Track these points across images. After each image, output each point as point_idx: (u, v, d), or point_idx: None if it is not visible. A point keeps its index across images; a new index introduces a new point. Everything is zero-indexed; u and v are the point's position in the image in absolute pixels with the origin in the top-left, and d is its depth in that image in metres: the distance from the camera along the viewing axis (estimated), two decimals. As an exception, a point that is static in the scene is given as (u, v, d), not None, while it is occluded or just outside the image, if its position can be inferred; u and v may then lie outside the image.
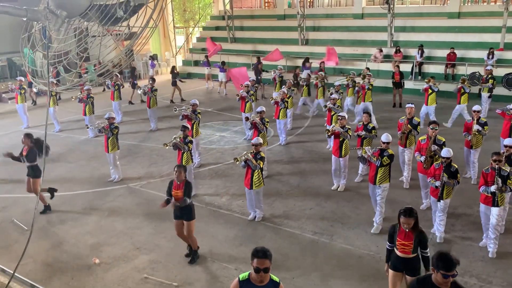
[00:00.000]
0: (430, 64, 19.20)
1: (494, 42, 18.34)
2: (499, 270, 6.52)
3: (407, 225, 5.06)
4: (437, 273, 3.87)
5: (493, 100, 14.57)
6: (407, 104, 9.79)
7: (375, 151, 7.80)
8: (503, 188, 6.64)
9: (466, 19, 20.58)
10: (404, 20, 21.47)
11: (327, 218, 8.39)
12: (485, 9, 20.71)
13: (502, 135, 9.86)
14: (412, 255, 5.17)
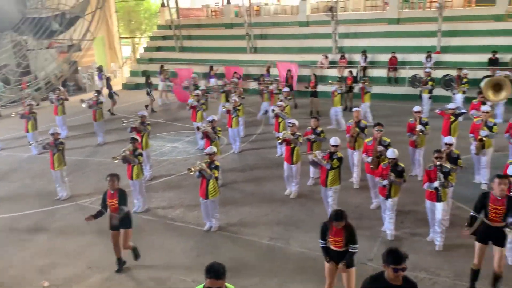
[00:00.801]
0: (373, 69, 19.98)
1: (431, 45, 19.36)
2: (446, 263, 6.85)
3: (339, 226, 5.38)
4: (388, 268, 4.02)
5: (433, 101, 15.34)
6: (354, 108, 10.13)
7: (325, 154, 8.00)
8: (445, 183, 7.00)
9: (404, 25, 21.65)
10: (347, 26, 22.23)
11: (283, 223, 8.48)
12: (421, 15, 21.90)
13: (443, 133, 10.40)
14: (344, 248, 5.47)
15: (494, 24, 19.65)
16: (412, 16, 22.33)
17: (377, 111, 16.30)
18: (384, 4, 24.34)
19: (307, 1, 24.65)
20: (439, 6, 18.89)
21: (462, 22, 20.31)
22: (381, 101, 18.03)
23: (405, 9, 23.43)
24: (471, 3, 22.73)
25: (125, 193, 6.90)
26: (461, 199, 8.81)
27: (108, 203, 6.81)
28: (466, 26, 19.98)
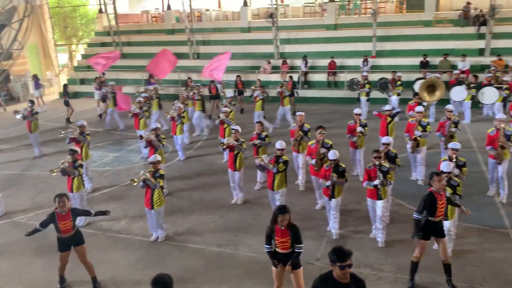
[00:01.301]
0: (314, 73, 20.53)
1: (367, 50, 20.25)
2: (389, 258, 7.15)
3: (284, 222, 5.37)
4: (335, 266, 4.14)
5: (371, 103, 16.00)
6: (297, 112, 10.35)
7: (271, 158, 8.10)
8: (384, 182, 7.33)
9: (342, 30, 22.48)
10: (287, 32, 22.72)
11: (231, 229, 8.47)
12: (357, 21, 22.84)
13: (381, 134, 10.86)
14: (291, 249, 5.54)
15: (423, 29, 20.89)
16: (348, 22, 23.23)
17: (318, 114, 16.82)
18: (322, 11, 25.13)
19: (248, 7, 24.92)
20: (373, 13, 19.80)
21: (395, 27, 21.40)
22: (322, 105, 18.61)
23: (342, 16, 24.33)
24: (402, 10, 24.02)
25: (79, 211, 6.74)
26: (400, 196, 9.25)
27: (61, 226, 6.43)
28: (398, 31, 21.08)
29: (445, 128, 9.96)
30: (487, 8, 18.64)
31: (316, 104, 18.73)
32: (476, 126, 14.11)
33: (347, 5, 25.40)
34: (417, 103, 11.77)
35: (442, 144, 10.20)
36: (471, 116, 14.89)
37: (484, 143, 9.17)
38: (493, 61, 17.50)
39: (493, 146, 8.85)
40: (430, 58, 18.43)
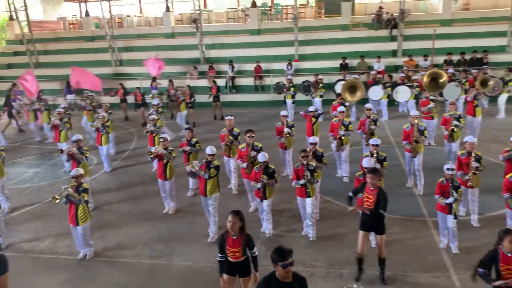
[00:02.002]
0: (241, 78, 20.73)
1: (291, 54, 20.85)
2: (320, 253, 7.40)
3: (231, 224, 5.30)
4: (277, 266, 4.21)
5: (296, 105, 16.49)
6: (226, 117, 10.38)
7: (202, 164, 8.04)
8: (312, 180, 7.59)
9: (265, 35, 22.97)
10: (212, 37, 22.77)
11: (164, 239, 8.28)
12: (279, 26, 23.45)
13: (307, 134, 11.23)
14: (242, 258, 5.49)
15: (341, 33, 21.95)
16: (271, 27, 23.77)
17: (247, 118, 17.02)
18: (245, 16, 25.48)
19: (170, 13, 24.60)
20: (294, 18, 20.45)
21: (315, 32, 22.27)
22: (250, 108, 18.85)
23: (264, 21, 24.84)
24: (321, 15, 25.04)
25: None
26: (327, 193, 9.62)
27: None
28: (318, 35, 21.96)
29: (365, 126, 10.53)
30: (397, 12, 20.01)
31: (245, 108, 18.93)
32: (393, 123, 15.06)
33: (269, 11, 25.98)
34: (340, 103, 12.32)
35: (364, 141, 10.77)
36: (388, 114, 15.87)
37: (401, 138, 9.81)
38: (405, 61, 18.81)
39: (408, 141, 9.50)
40: (348, 60, 19.38)
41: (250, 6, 23.75)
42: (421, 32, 20.39)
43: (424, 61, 18.42)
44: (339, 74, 18.81)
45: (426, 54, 18.32)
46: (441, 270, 6.71)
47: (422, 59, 18.49)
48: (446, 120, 10.37)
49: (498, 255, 4.86)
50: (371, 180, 6.30)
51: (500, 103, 15.19)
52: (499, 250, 4.87)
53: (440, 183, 7.05)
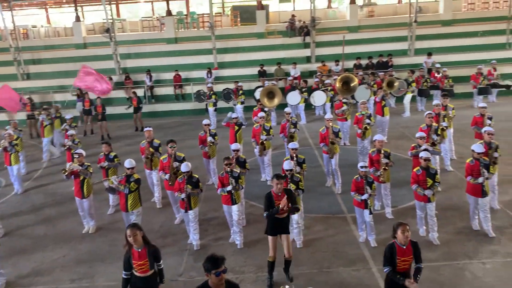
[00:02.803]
0: (160, 87, 20.34)
1: (209, 62, 20.90)
2: (248, 259, 7.47)
3: (133, 238, 5.16)
4: (211, 275, 4.17)
5: (218, 113, 16.55)
6: (145, 128, 10.12)
7: (121, 178, 7.76)
8: (236, 186, 7.65)
9: (182, 44, 22.81)
10: (127, 47, 22.14)
11: (85, 260, 7.84)
12: (196, 34, 23.40)
13: (230, 142, 11.32)
14: (150, 272, 5.36)
15: (257, 41, 22.47)
16: (188, 35, 23.67)
17: (168, 128, 16.76)
18: (161, 25, 25.11)
19: (81, 22, 23.54)
20: (210, 26, 20.54)
21: (232, 40, 22.55)
22: (172, 118, 18.58)
23: (181, 29, 24.63)
24: (237, 23, 25.40)
25: None
26: (253, 198, 9.74)
27: None
28: (235, 43, 22.28)
29: (286, 129, 10.86)
30: (309, 20, 20.91)
31: (166, 118, 18.62)
32: (311, 125, 15.68)
33: (185, 19, 25.83)
34: (260, 109, 12.57)
35: (286, 145, 11.09)
36: (306, 117, 16.49)
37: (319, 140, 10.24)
38: (319, 67, 19.70)
39: (325, 143, 9.95)
40: (266, 67, 19.85)
41: (165, 15, 23.46)
42: (332, 38, 21.50)
43: (336, 66, 19.42)
44: (258, 81, 19.19)
45: (337, 59, 19.32)
46: (361, 263, 7.08)
47: (334, 64, 19.48)
48: (359, 119, 11.04)
49: (395, 248, 5.15)
50: (278, 185, 6.45)
51: (405, 102, 16.45)
52: (394, 244, 5.18)
53: (355, 180, 7.47)
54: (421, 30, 21.16)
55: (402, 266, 5.17)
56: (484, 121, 10.18)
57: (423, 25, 21.60)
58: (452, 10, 23.13)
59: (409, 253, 5.16)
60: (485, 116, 10.27)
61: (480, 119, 10.28)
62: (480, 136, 8.87)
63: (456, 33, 21.71)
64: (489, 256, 7.04)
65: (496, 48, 20.68)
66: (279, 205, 6.32)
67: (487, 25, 22.04)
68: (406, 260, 5.16)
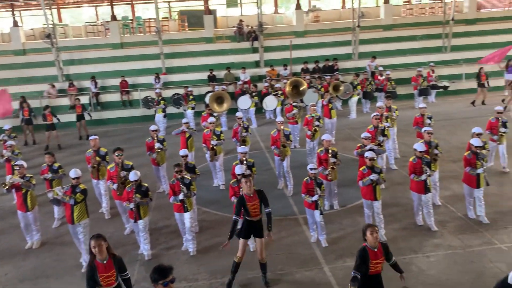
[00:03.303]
0: (106, 94, 19.75)
1: (157, 67, 20.56)
2: (202, 266, 7.38)
3: (98, 248, 5.00)
4: (158, 285, 4.08)
5: (168, 118, 16.30)
6: (90, 137, 9.78)
7: (66, 189, 7.45)
8: (188, 194, 7.57)
9: (128, 49, 22.32)
10: (70, 53, 21.37)
11: (29, 277, 7.43)
12: (143, 39, 22.98)
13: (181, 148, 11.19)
14: (115, 284, 5.20)
15: (206, 46, 22.40)
16: (134, 40, 23.17)
17: (116, 135, 16.31)
18: (106, 30, 24.42)
19: (19, 28, 22.45)
20: (157, 31, 20.23)
21: (180, 44, 22.35)
22: (119, 125, 18.08)
23: (127, 34, 24.07)
24: (184, 28, 25.18)
25: None
26: (205, 204, 9.68)
27: None
28: (183, 48, 22.10)
29: (238, 134, 10.88)
30: (256, 25, 21.11)
31: (112, 125, 18.11)
32: (262, 129, 15.82)
33: (130, 24, 25.27)
34: (208, 114, 12.51)
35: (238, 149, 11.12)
36: (257, 121, 16.62)
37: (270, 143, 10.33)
38: (268, 71, 19.93)
39: (276, 145, 10.06)
40: (215, 72, 19.82)
41: (110, 20, 22.84)
42: (279, 43, 21.84)
43: (284, 70, 19.73)
44: (208, 86, 19.11)
45: (286, 63, 19.64)
46: (313, 263, 7.21)
47: (283, 69, 19.79)
48: (308, 121, 11.31)
49: (367, 252, 5.17)
50: (247, 184, 6.49)
51: (351, 105, 16.98)
52: (366, 248, 5.23)
53: (305, 182, 7.61)
54: (364, 35, 21.95)
55: (375, 269, 5.25)
56: (424, 121, 10.71)
57: (366, 29, 22.42)
58: (392, 15, 24.21)
59: (381, 255, 5.27)
60: (425, 116, 10.82)
61: (421, 119, 10.82)
62: (421, 135, 9.31)
63: (397, 37, 22.76)
64: (432, 249, 7.39)
65: (433, 51, 21.84)
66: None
67: (424, 29, 23.26)
68: (378, 262, 5.25)
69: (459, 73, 20.10)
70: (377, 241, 5.24)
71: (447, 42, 21.88)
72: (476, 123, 10.13)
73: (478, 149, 8.06)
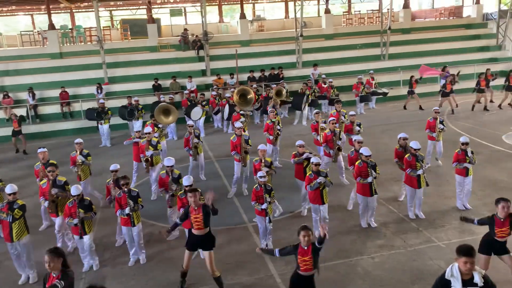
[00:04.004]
0: (45, 105, 18.88)
1: (99, 77, 19.94)
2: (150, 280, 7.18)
3: (52, 264, 4.77)
4: None
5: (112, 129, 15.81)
6: (39, 149, 9.35)
7: (2, 206, 7.04)
8: (135, 207, 7.42)
9: (68, 59, 21.48)
10: (5, 63, 20.33)
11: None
12: (84, 49, 22.22)
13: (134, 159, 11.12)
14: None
15: (150, 55, 22.06)
16: (75, 50, 22.34)
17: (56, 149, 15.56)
18: (43, 39, 23.40)
19: None
20: (98, 40, 19.65)
21: (123, 54, 21.86)
22: (58, 138, 17.30)
23: (66, 44, 23.19)
24: (127, 37, 24.64)
25: None
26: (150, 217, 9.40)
27: None
28: (126, 57, 21.62)
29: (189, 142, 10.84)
30: (201, 34, 21.09)
31: (53, 138, 17.30)
32: (210, 138, 15.75)
33: (70, 33, 24.37)
34: (153, 124, 12.32)
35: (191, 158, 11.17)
36: (205, 130, 16.50)
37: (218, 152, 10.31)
38: (214, 80, 19.94)
39: (236, 151, 10.12)
40: (161, 81, 19.54)
41: (47, 29, 21.91)
42: (225, 52, 21.92)
43: (231, 79, 19.83)
44: (153, 96, 18.79)
45: (232, 72, 19.76)
46: (263, 270, 7.24)
47: (229, 77, 19.87)
48: (269, 126, 11.75)
49: (297, 249, 5.46)
50: (193, 199, 6.41)
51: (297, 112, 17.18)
52: (299, 245, 5.49)
53: (254, 189, 7.64)
54: (307, 44, 22.55)
55: (304, 267, 5.42)
56: (353, 128, 11.54)
57: (308, 39, 23.06)
58: (333, 25, 25.07)
59: (309, 253, 5.41)
60: (354, 123, 11.53)
61: (350, 126, 11.61)
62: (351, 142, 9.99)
63: (338, 46, 23.58)
64: (377, 250, 7.67)
65: (372, 59, 22.85)
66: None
67: (364, 38, 24.28)
68: (305, 260, 5.40)
69: (397, 79, 21.14)
70: (309, 243, 5.43)
71: (385, 50, 22.96)
72: (413, 126, 10.73)
73: (417, 151, 8.51)
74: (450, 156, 9.21)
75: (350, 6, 31.76)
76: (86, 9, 30.35)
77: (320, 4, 32.24)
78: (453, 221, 8.49)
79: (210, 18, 29.23)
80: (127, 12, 31.60)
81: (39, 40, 24.32)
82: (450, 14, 28.16)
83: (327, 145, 10.62)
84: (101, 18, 23.33)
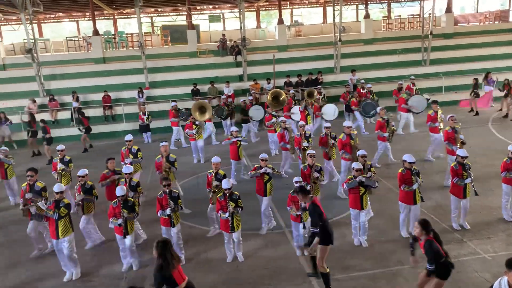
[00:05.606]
0: (88, 109, 19.53)
1: (141, 82, 20.47)
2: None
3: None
4: None
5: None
6: (58, 146, 9.80)
7: (50, 204, 7.33)
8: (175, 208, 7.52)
9: (111, 64, 22.20)
10: (52, 68, 21.19)
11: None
12: (126, 54, 22.90)
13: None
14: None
15: (189, 60, 22.47)
16: (117, 55, 23.11)
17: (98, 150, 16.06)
18: (88, 45, 24.30)
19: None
20: (140, 45, 20.20)
21: (163, 59, 22.37)
22: (102, 140, 17.81)
23: (109, 49, 23.98)
24: (167, 43, 25.23)
25: None
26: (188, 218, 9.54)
27: None
28: (167, 62, 22.11)
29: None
30: (239, 39, 21.30)
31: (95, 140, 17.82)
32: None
33: (113, 39, 25.20)
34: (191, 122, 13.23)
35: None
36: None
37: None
38: (251, 85, 20.05)
39: (345, 150, 10.25)
40: (199, 86, 19.83)
41: (92, 34, 22.74)
42: (262, 57, 22.00)
43: (268, 84, 19.86)
44: (192, 100, 19.10)
45: (269, 77, 19.81)
46: (301, 277, 7.17)
47: (266, 82, 19.93)
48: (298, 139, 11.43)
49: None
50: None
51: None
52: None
53: (290, 194, 7.62)
54: (345, 49, 22.33)
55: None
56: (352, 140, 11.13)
57: (347, 44, 22.82)
58: (372, 30, 24.71)
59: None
60: (351, 134, 10.57)
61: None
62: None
63: (377, 51, 23.20)
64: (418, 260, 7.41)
65: (413, 64, 22.33)
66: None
67: (404, 43, 23.80)
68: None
69: (438, 86, 20.57)
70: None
71: (426, 55, 22.40)
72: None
73: (464, 160, 8.18)
74: (496, 165, 8.86)
75: (390, 10, 31.26)
76: (128, 16, 31.34)
77: (359, 9, 31.91)
78: (499, 232, 8.15)
79: (248, 23, 29.48)
80: (167, 18, 32.40)
81: (84, 46, 25.26)
82: (496, 18, 27.20)
83: (345, 151, 10.28)
84: (143, 24, 23.95)
